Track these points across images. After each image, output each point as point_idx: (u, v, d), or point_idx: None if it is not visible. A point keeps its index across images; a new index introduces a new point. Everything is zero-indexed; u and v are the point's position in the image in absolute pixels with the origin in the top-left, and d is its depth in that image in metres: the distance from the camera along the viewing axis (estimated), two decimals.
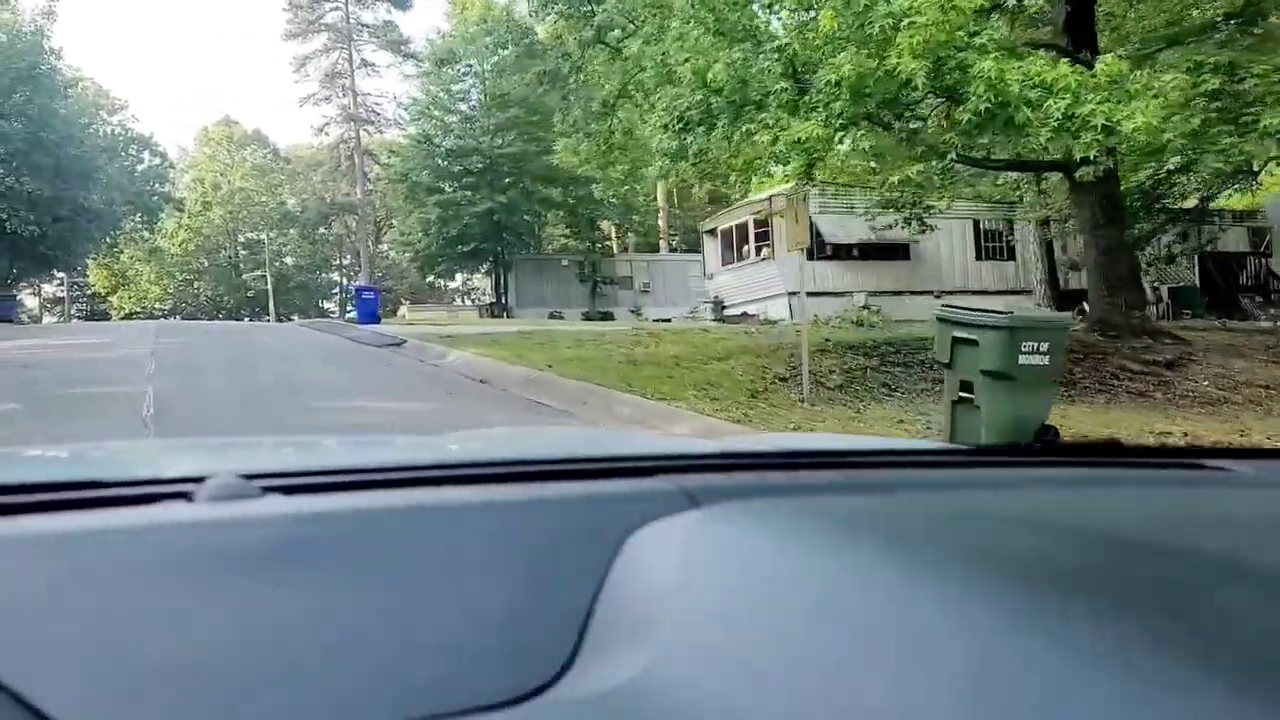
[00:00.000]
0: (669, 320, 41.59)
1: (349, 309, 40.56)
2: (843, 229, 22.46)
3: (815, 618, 0.65)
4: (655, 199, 43.11)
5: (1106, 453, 1.33)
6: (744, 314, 22.83)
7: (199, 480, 0.78)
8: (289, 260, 63.47)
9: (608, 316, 39.34)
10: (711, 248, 25.59)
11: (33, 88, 30.52)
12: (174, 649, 0.59)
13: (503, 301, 37.44)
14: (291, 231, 61.50)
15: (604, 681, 0.62)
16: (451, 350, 15.09)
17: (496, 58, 36.54)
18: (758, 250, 23.31)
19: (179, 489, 0.78)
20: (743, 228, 23.98)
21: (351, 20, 50.09)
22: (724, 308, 24.48)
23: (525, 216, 35.69)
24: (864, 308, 21.55)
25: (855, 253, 23.13)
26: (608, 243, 41.74)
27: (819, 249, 22.57)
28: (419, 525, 0.76)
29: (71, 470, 1.20)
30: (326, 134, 51.81)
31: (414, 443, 1.80)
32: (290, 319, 63.69)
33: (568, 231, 40.67)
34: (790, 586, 0.70)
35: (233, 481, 0.78)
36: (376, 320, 24.46)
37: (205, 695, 0.57)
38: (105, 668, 0.57)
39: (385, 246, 58.54)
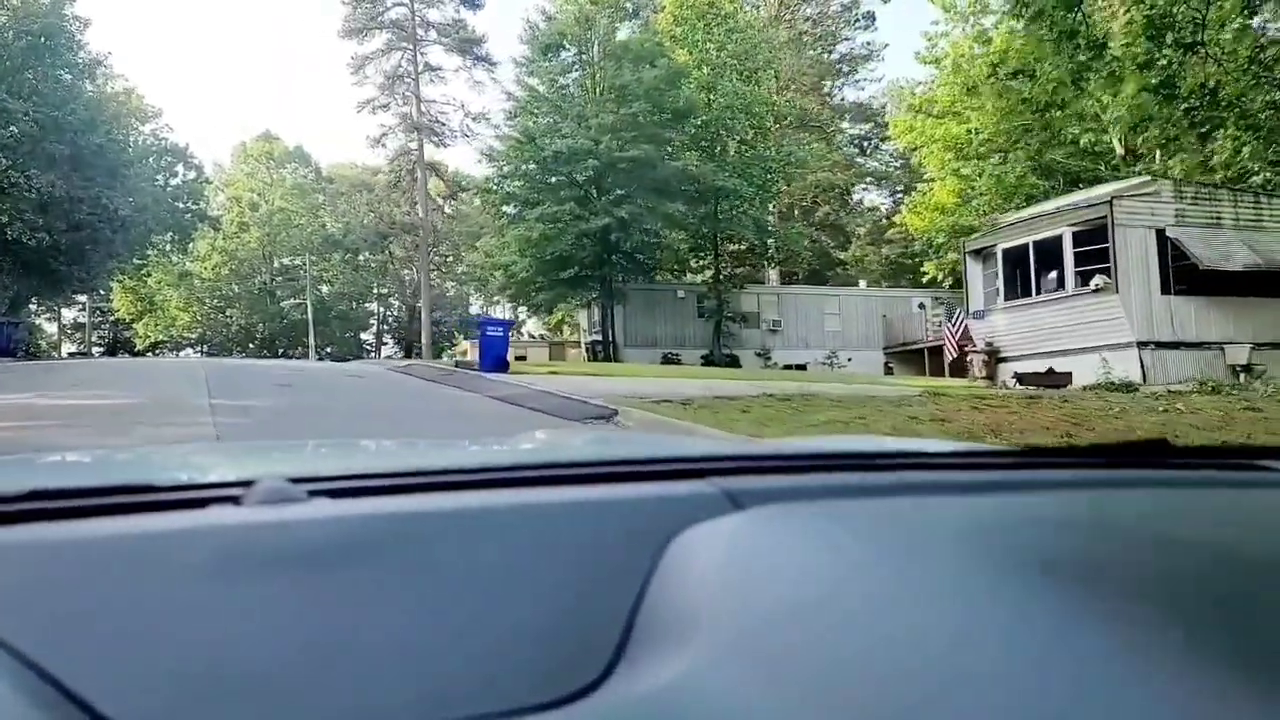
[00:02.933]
0: (804, 366, 34.47)
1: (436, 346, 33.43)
2: (1210, 248, 15.05)
3: (860, 621, 0.65)
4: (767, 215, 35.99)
5: (1155, 453, 1.21)
6: (1049, 370, 15.51)
7: (247, 484, 0.78)
8: (324, 289, 57.47)
9: (733, 361, 32.18)
10: (979, 275, 18.10)
11: (48, 59, 23.54)
12: (224, 650, 0.60)
13: (609, 338, 30.29)
14: (334, 257, 55.41)
15: (648, 684, 0.61)
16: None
17: (612, 43, 29.69)
18: (1082, 279, 15.87)
19: (228, 493, 0.78)
20: (1048, 245, 16.42)
21: (417, 17, 43.39)
22: (998, 359, 17.14)
23: (644, 237, 28.51)
24: (1245, 367, 14.30)
25: (1210, 285, 15.54)
26: (739, 270, 34.63)
27: (1175, 278, 15.29)
28: (464, 528, 0.75)
29: (125, 474, 1.17)
30: (384, 145, 44.86)
31: (459, 447, 1.78)
32: (327, 351, 57.84)
33: (691, 255, 33.54)
34: (834, 589, 0.69)
35: (280, 485, 0.77)
36: (505, 365, 17.37)
37: (253, 695, 0.58)
38: (158, 668, 0.58)
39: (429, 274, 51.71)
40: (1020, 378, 15.71)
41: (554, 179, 29.20)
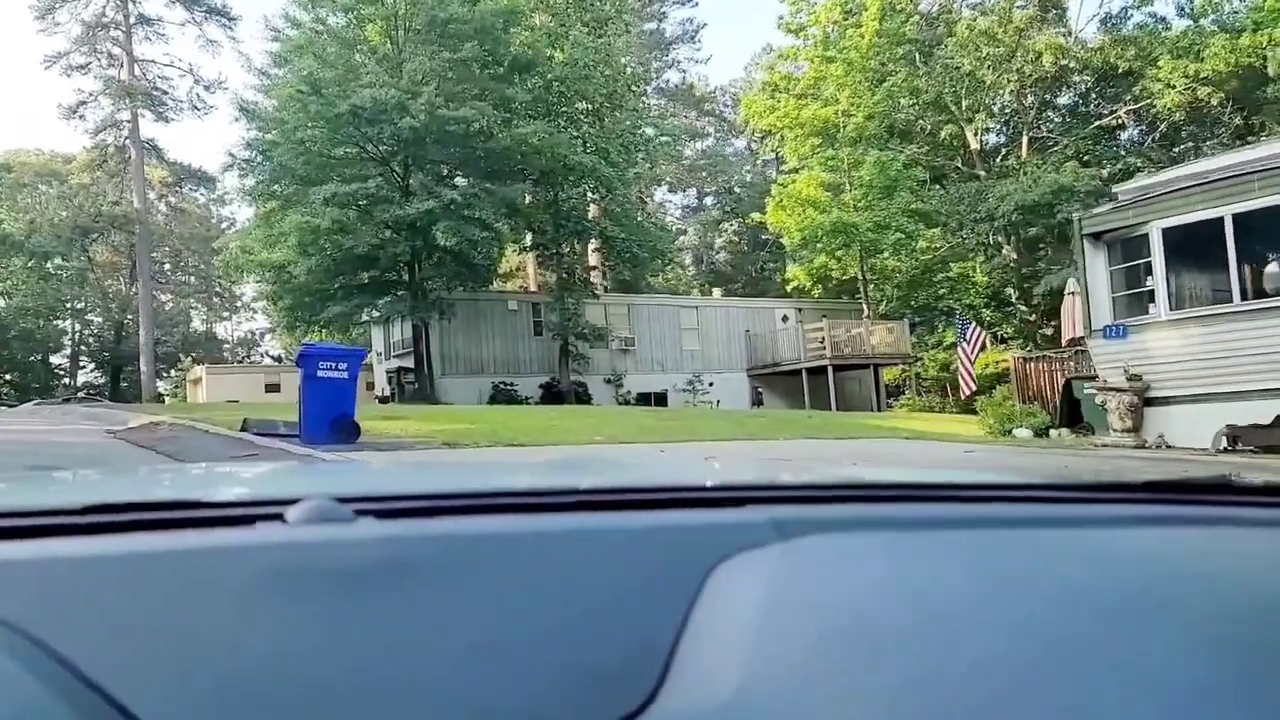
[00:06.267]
0: (664, 397, 27.52)
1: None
2: None
3: (904, 655, 0.64)
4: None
5: (1219, 491, 1.14)
6: (1276, 421, 9.60)
7: (293, 502, 0.77)
8: (0, 302, 45.10)
9: (582, 392, 24.88)
10: (1104, 272, 11.47)
11: None
12: (265, 668, 0.60)
13: (424, 365, 22.14)
14: (13, 262, 43.11)
15: (691, 712, 0.61)
16: None
17: None
18: None
19: (273, 510, 0.77)
20: (1261, 220, 10.22)
21: None
22: (1146, 400, 11.09)
23: (476, 229, 20.61)
24: None
25: None
26: (591, 274, 27.15)
27: None
28: (509, 552, 0.74)
29: (175, 490, 1.18)
30: (82, 117, 33.92)
31: (505, 469, 1.76)
32: (6, 379, 45.31)
33: (536, 256, 25.85)
34: (879, 622, 0.68)
35: (325, 504, 0.77)
36: (354, 430, 9.39)
37: (294, 714, 0.58)
38: (201, 682, 0.58)
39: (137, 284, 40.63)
40: (1235, 436, 9.68)
41: (346, 149, 20.87)
